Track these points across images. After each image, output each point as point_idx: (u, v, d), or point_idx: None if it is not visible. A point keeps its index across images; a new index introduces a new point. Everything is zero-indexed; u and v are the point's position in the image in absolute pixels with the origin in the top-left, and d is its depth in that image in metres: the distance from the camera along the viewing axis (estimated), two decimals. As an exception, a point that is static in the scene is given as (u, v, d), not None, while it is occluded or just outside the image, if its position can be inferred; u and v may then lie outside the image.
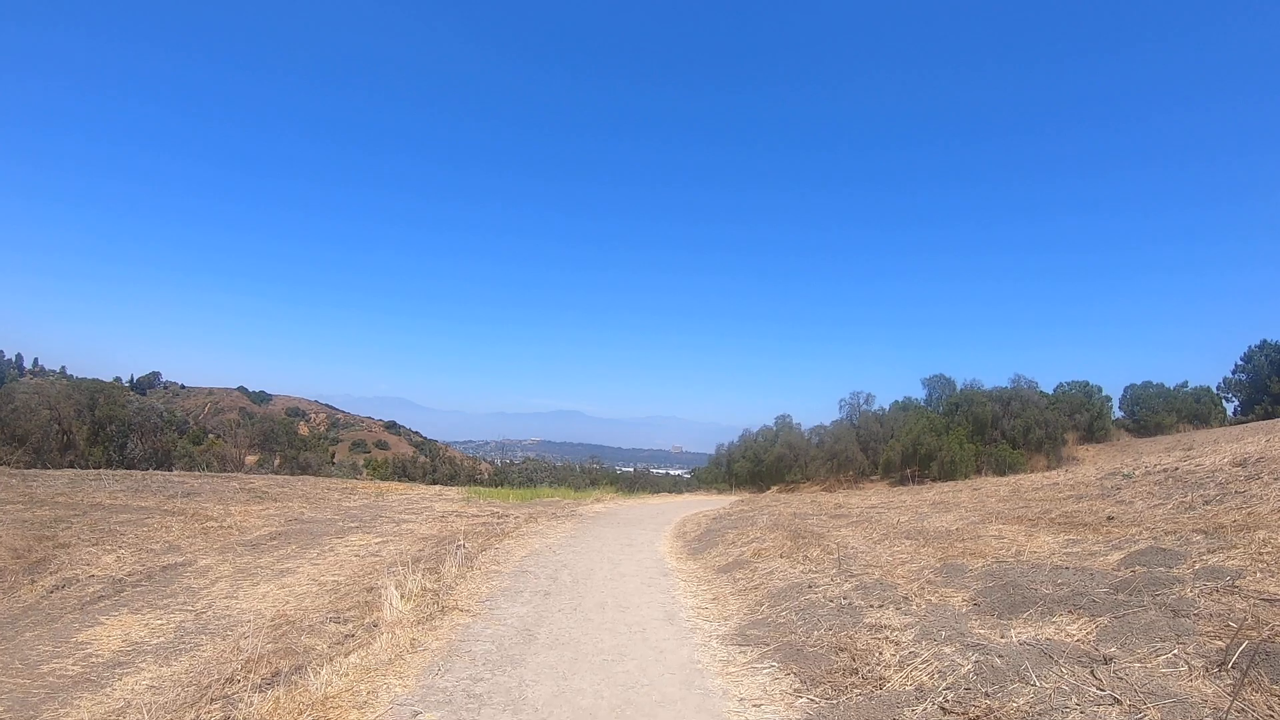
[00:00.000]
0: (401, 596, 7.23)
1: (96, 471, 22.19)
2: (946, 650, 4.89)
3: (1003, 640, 5.04)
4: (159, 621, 8.70)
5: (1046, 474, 19.21)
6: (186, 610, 9.06)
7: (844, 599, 6.47)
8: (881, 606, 6.07)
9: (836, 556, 8.56)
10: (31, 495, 16.59)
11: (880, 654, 4.99)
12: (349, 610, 8.04)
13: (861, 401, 54.61)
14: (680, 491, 45.09)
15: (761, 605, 6.84)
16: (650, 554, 11.13)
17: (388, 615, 6.87)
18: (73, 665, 7.59)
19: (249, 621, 8.29)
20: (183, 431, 61.05)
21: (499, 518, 16.30)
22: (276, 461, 55.35)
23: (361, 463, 74.11)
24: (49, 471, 21.88)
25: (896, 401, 54.87)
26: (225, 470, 38.48)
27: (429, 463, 73.53)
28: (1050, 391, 51.33)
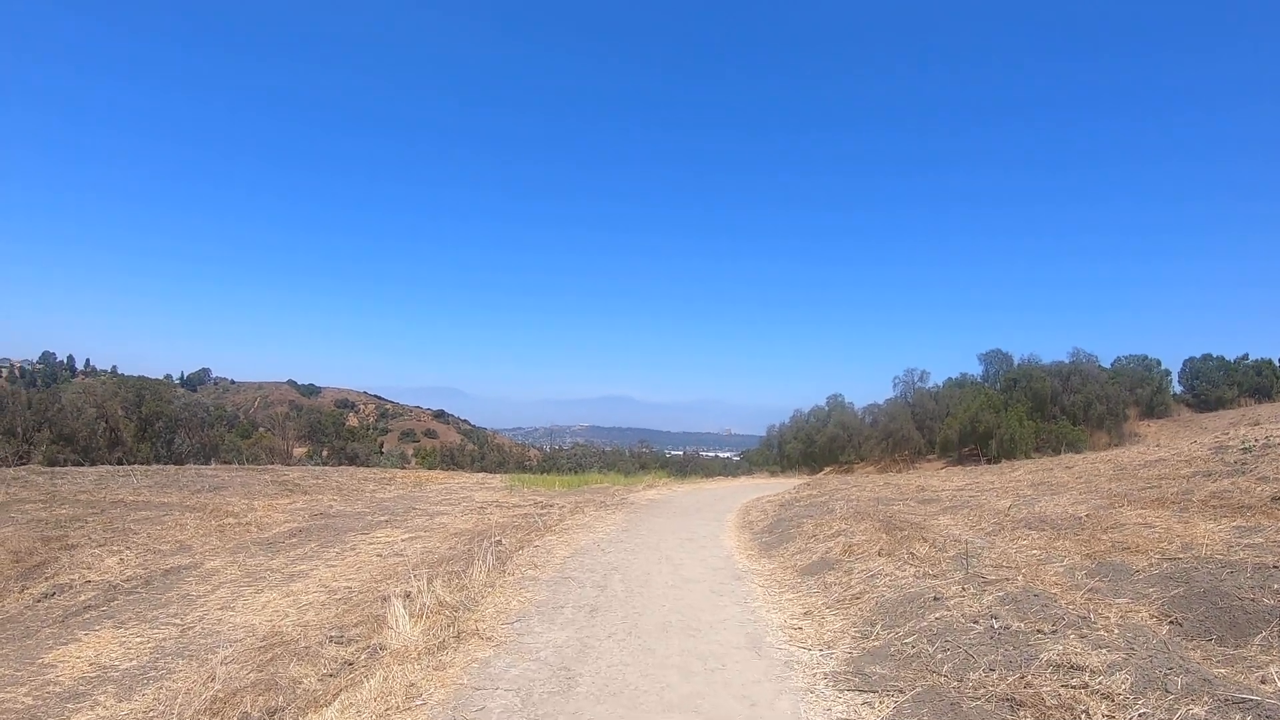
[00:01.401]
0: (411, 616, 5.74)
1: (127, 468, 21.31)
2: (1195, 712, 3.23)
3: (1266, 687, 3.38)
4: (139, 639, 7.38)
5: (1142, 450, 17.06)
6: (174, 624, 7.73)
7: (992, 618, 4.77)
8: (1055, 631, 4.37)
9: (955, 554, 6.87)
10: (54, 493, 15.62)
11: (1088, 714, 3.33)
12: (355, 627, 6.62)
13: (916, 379, 52.55)
14: (734, 475, 43.35)
15: (874, 625, 5.18)
16: (716, 550, 9.54)
17: (392, 641, 5.39)
18: (25, 695, 6.29)
19: (238, 640, 6.92)
20: (232, 425, 61.26)
21: (542, 509, 14.86)
22: (324, 453, 55.13)
23: (410, 452, 73.71)
24: (78, 469, 21.08)
25: (951, 378, 52.91)
26: (274, 463, 37.98)
27: (477, 450, 72.99)
28: (1108, 366, 49.07)
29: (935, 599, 5.45)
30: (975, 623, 4.79)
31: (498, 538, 10.54)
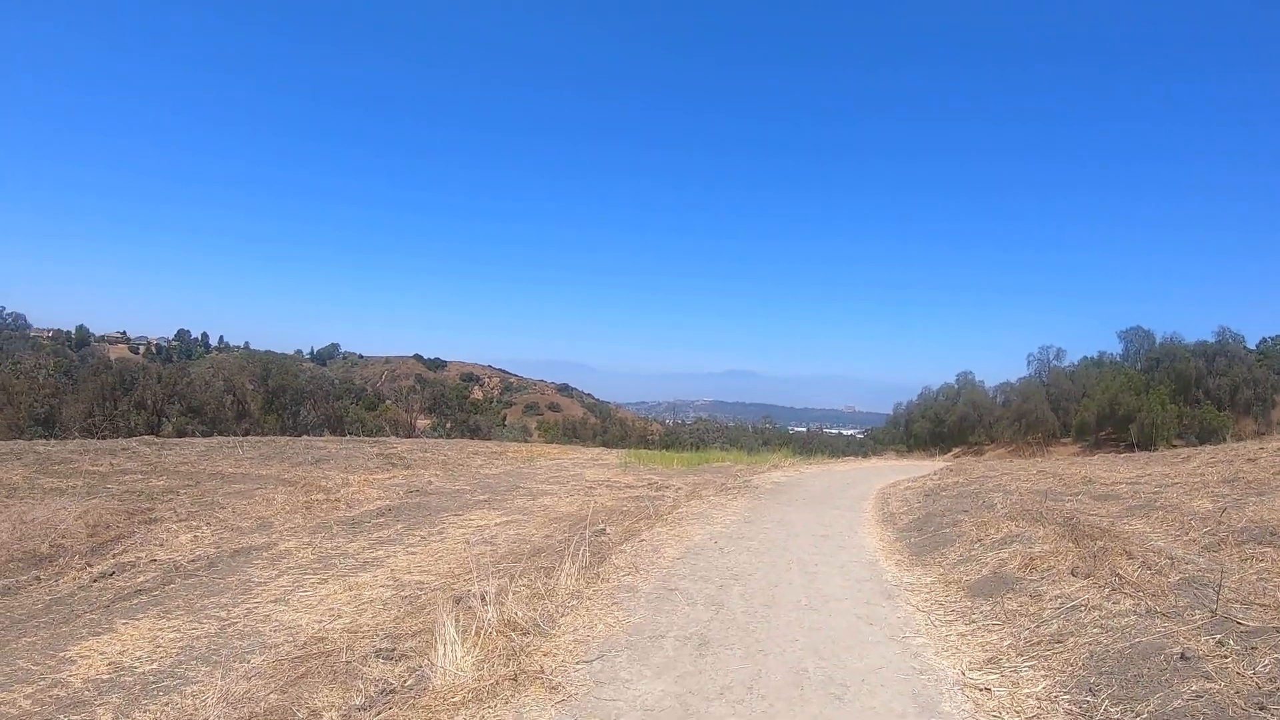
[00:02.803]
0: (466, 641, 4.27)
1: (235, 439, 21.20)
2: None
3: None
4: (174, 634, 6.31)
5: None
6: (219, 617, 6.64)
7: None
8: None
9: (1178, 579, 4.87)
10: (157, 464, 15.31)
11: None
12: (411, 637, 5.31)
13: (1051, 357, 49.85)
14: (860, 455, 40.72)
15: (1096, 693, 3.42)
16: (856, 552, 7.77)
17: (436, 678, 3.95)
18: (25, 699, 5.27)
19: (275, 646, 5.70)
20: (358, 398, 63.06)
21: (656, 490, 13.38)
22: (448, 425, 55.75)
23: (533, 426, 74.00)
24: (188, 440, 21.16)
25: (1088, 357, 50.22)
26: (396, 435, 38.28)
27: (599, 424, 72.64)
28: (1253, 347, 44.97)
29: (1182, 658, 3.55)
30: (1261, 709, 2.91)
31: (602, 526, 9.12)
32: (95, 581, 8.30)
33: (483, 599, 5.04)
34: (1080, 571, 5.59)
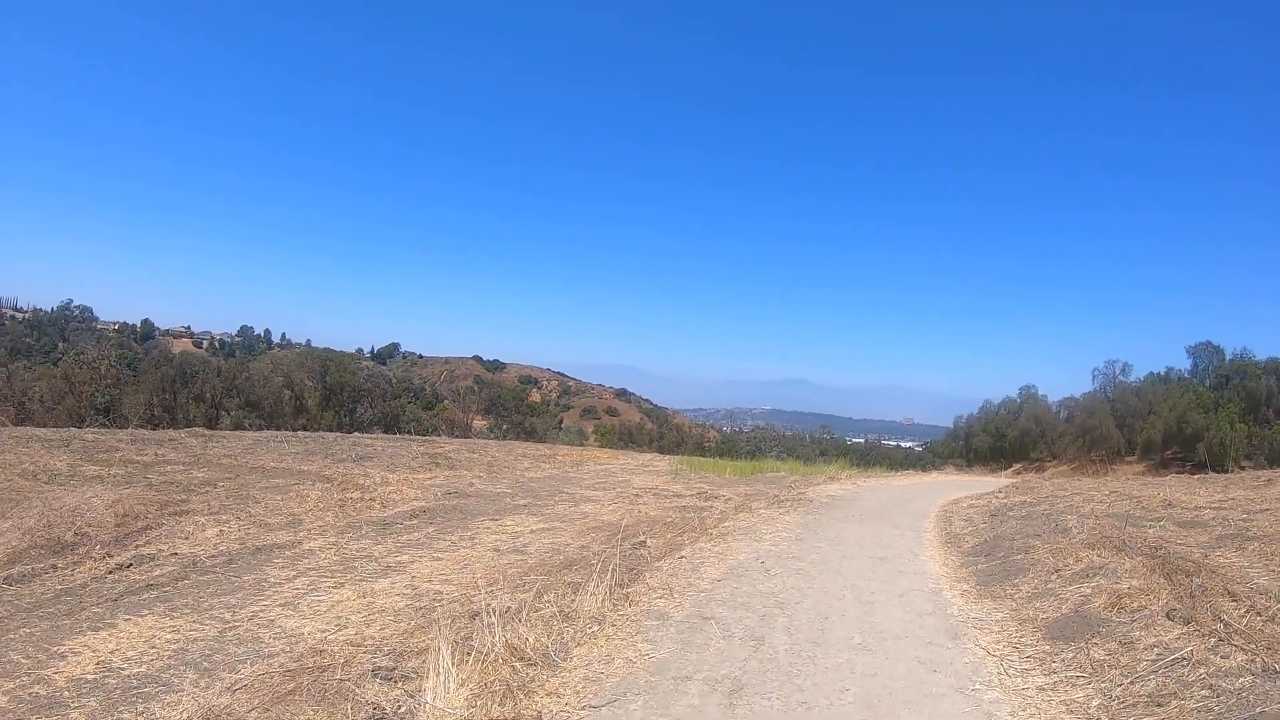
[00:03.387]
0: (460, 672, 3.67)
1: (282, 433, 21.13)
2: None
3: None
4: (172, 635, 5.88)
5: None
6: (222, 620, 6.18)
7: None
8: None
9: None
10: (201, 456, 15.21)
11: None
12: (417, 654, 4.79)
13: (1117, 371, 48.77)
14: (919, 468, 39.25)
15: None
16: (917, 579, 6.98)
17: (420, 715, 3.36)
18: (2, 696, 4.86)
19: (272, 656, 5.19)
20: (416, 397, 63.59)
21: (705, 500, 12.69)
22: (504, 426, 55.79)
23: (590, 429, 73.71)
24: (235, 432, 21.15)
25: (1155, 373, 48.69)
26: (452, 435, 38.33)
27: (655, 430, 72.08)
28: None
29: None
30: None
31: (642, 538, 8.51)
32: (111, 573, 7.98)
33: (493, 618, 4.44)
34: (1177, 615, 4.73)
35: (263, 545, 8.79)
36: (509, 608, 5.60)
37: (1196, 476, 20.04)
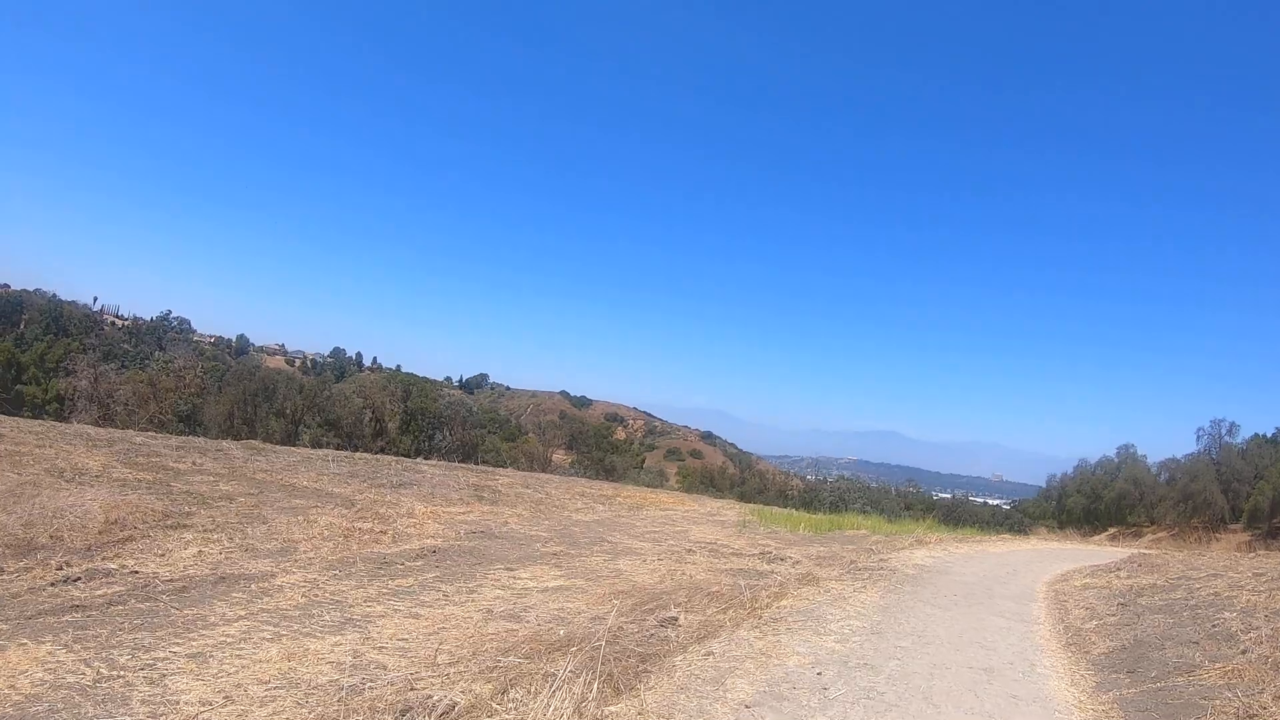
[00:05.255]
0: None
1: (327, 452, 20.26)
2: None
3: None
4: (43, 673, 4.54)
5: None
6: (111, 665, 4.81)
7: None
8: None
9: None
10: (238, 469, 14.34)
11: None
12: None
13: (1224, 432, 44.98)
14: (1014, 530, 35.57)
15: None
16: (1039, 709, 5.07)
17: None
18: None
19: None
20: (500, 428, 63.20)
21: (768, 561, 10.92)
22: (585, 463, 54.65)
23: (673, 471, 71.85)
24: (284, 447, 20.46)
25: (1261, 435, 44.43)
26: (532, 468, 37.35)
27: (738, 474, 69.78)
28: None
29: None
30: None
31: (674, 612, 6.89)
32: (54, 585, 6.84)
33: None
34: None
35: (231, 574, 7.53)
36: (451, 707, 4.08)
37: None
